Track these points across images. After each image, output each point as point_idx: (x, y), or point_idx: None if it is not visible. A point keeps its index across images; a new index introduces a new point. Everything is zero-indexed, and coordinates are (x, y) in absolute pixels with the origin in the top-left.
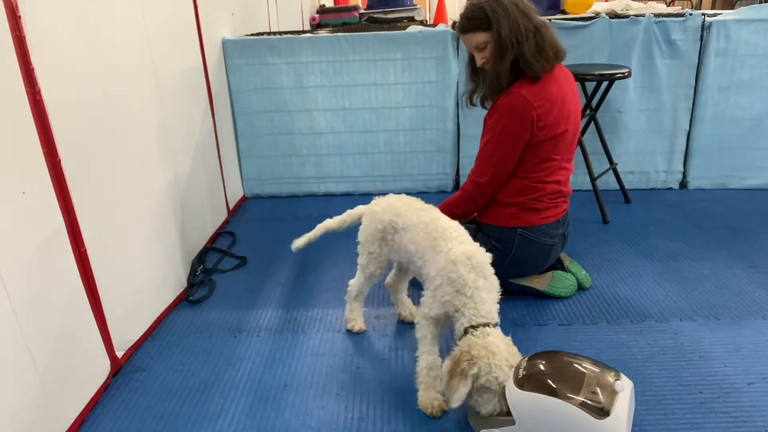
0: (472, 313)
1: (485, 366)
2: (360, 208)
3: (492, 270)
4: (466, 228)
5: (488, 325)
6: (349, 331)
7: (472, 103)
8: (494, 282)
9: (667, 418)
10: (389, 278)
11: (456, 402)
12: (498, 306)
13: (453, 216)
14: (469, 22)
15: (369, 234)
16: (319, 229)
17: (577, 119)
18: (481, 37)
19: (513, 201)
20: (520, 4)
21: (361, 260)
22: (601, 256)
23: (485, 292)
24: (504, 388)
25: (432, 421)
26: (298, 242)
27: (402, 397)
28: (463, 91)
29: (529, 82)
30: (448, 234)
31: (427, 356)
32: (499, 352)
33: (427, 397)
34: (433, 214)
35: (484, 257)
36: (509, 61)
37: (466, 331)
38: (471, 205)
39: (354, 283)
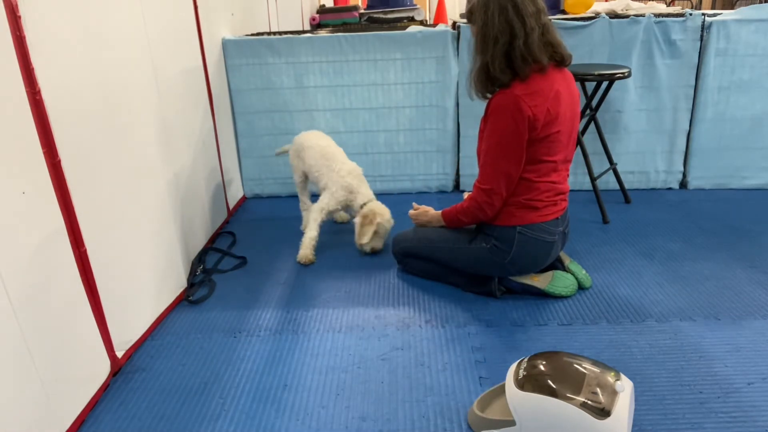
0: (362, 198)
1: (380, 217)
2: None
3: (360, 170)
4: (467, 228)
5: (371, 201)
6: (347, 329)
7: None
8: (361, 176)
9: (667, 418)
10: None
11: (366, 238)
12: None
13: (459, 222)
14: (466, 13)
15: (291, 153)
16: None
17: (573, 123)
18: (471, 29)
19: (511, 200)
20: (516, 5)
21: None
22: (601, 256)
23: (363, 187)
24: (381, 227)
25: (431, 422)
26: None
27: (402, 397)
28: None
29: (520, 82)
30: (337, 157)
31: (313, 232)
32: (384, 211)
33: (304, 254)
34: (328, 141)
35: (359, 168)
36: (485, 59)
37: (362, 206)
38: (480, 214)
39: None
